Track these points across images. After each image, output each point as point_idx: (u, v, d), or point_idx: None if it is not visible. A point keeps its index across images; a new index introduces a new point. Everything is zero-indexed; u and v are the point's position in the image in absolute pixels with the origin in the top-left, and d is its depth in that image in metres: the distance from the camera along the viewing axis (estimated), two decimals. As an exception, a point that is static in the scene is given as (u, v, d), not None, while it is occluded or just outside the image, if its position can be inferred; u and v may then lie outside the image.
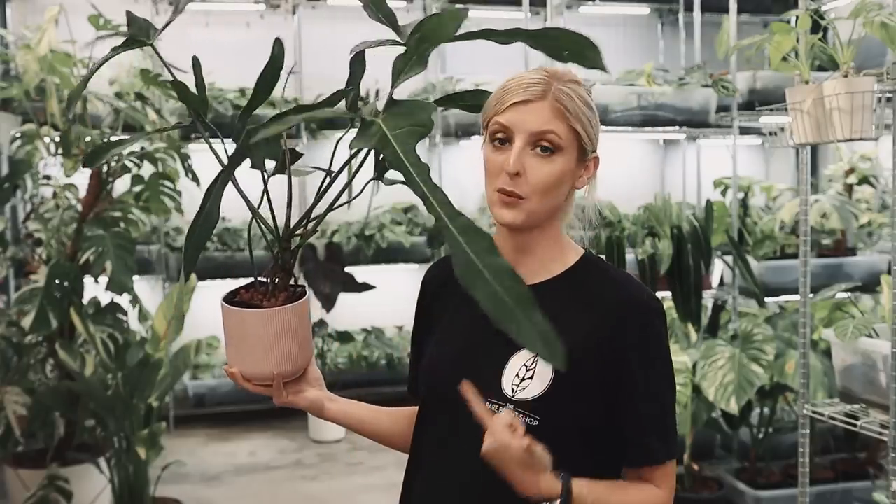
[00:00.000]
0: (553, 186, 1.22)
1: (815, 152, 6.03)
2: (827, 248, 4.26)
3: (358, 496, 4.26)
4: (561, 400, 1.21)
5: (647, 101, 3.96)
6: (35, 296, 3.46)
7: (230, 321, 1.23)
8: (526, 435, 1.14)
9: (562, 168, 1.22)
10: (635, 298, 1.25)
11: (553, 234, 1.29)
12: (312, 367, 1.34)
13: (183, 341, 3.91)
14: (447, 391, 1.29)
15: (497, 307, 0.84)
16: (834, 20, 2.43)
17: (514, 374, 1.23)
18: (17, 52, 3.78)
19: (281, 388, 1.27)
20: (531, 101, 1.20)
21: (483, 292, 0.85)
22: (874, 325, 2.52)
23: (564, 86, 1.22)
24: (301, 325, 1.24)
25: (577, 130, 1.22)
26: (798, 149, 2.67)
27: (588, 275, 1.29)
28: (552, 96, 1.21)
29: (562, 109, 1.20)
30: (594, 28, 6.44)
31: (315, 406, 1.33)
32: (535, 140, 1.21)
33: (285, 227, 1.23)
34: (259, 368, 1.23)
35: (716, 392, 3.52)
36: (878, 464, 3.72)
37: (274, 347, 1.22)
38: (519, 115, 1.21)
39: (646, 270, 3.75)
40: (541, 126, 1.20)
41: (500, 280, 0.85)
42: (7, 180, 3.84)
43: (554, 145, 1.21)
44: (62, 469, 3.63)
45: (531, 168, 1.20)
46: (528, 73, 1.25)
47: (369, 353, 5.67)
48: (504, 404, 1.22)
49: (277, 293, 1.24)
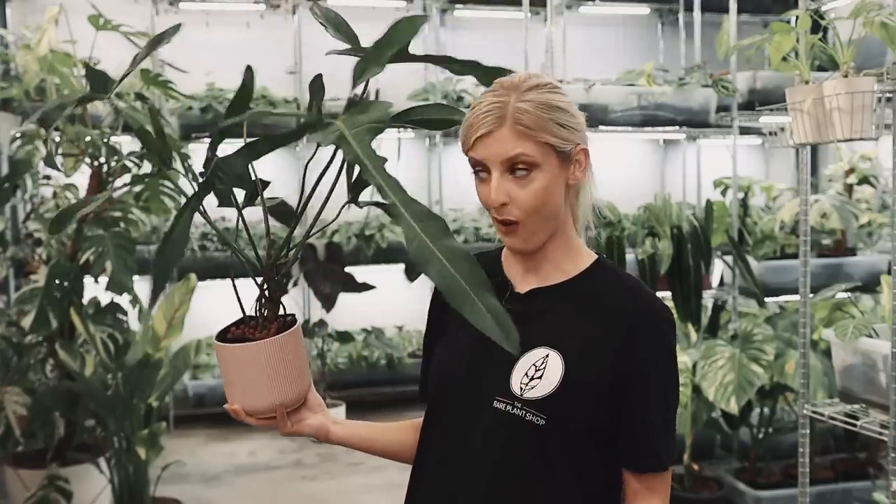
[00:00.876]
0: (542, 202, 1.22)
1: (815, 152, 6.03)
2: (827, 248, 4.26)
3: (358, 496, 4.26)
4: (568, 401, 1.21)
5: (647, 101, 3.96)
6: (35, 296, 3.46)
7: (225, 358, 1.23)
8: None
9: (544, 183, 1.21)
10: (649, 308, 1.26)
11: (563, 238, 1.29)
12: (313, 393, 1.34)
13: (183, 341, 3.91)
14: (457, 389, 1.30)
15: (451, 289, 0.86)
16: (834, 20, 2.43)
17: (524, 374, 1.23)
18: (17, 52, 3.78)
19: (285, 418, 1.28)
20: (492, 132, 1.19)
21: (437, 274, 0.87)
22: (874, 325, 2.52)
23: (522, 99, 1.20)
24: (296, 352, 1.23)
25: (545, 142, 1.20)
26: (798, 149, 2.67)
27: (601, 280, 1.29)
28: (511, 119, 1.19)
29: (523, 130, 1.19)
30: (594, 28, 6.45)
31: (321, 432, 1.35)
32: (509, 166, 1.21)
33: (267, 258, 1.23)
34: (260, 402, 1.23)
35: (716, 392, 3.52)
36: (878, 464, 3.72)
37: (272, 379, 1.21)
38: (486, 149, 1.20)
39: (646, 270, 3.75)
40: (509, 153, 1.19)
41: (455, 263, 0.87)
42: (7, 180, 3.84)
43: (529, 164, 1.20)
44: (62, 469, 3.62)
45: (514, 193, 1.21)
46: (486, 95, 1.22)
47: (369, 353, 5.67)
48: (513, 403, 1.23)
49: (269, 324, 1.23)
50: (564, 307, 1.27)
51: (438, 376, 1.35)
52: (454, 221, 5.82)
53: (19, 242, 4.15)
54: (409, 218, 0.90)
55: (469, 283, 0.86)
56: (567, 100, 1.24)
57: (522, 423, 1.22)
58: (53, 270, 3.50)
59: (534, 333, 1.25)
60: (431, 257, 0.87)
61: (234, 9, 5.88)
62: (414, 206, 0.92)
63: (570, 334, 1.25)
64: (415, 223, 0.89)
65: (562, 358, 1.22)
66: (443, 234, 0.89)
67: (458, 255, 0.87)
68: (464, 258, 0.87)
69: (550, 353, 1.23)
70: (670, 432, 1.27)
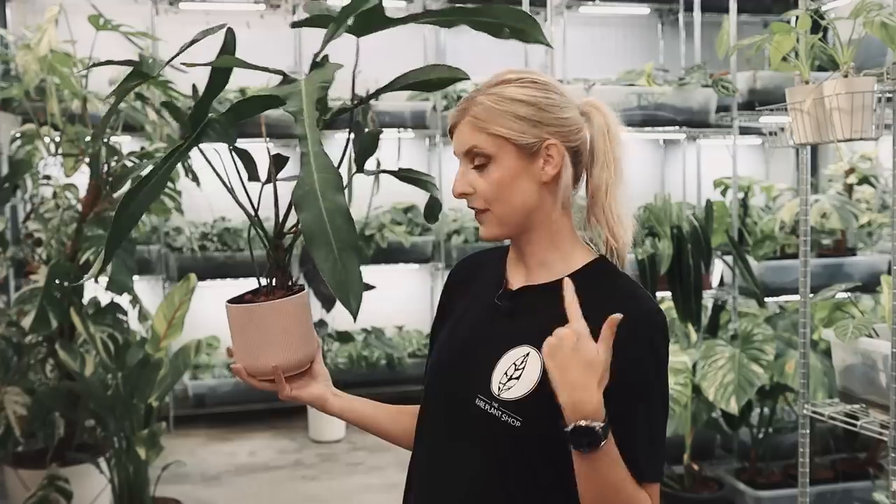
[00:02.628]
0: (501, 191, 1.23)
1: (815, 152, 6.03)
2: (827, 248, 4.26)
3: (358, 496, 4.26)
4: (545, 403, 1.15)
5: (647, 101, 3.96)
6: (35, 296, 3.46)
7: (232, 318, 1.29)
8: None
9: (500, 174, 1.23)
10: (638, 313, 1.20)
11: (547, 236, 1.27)
12: (318, 363, 1.36)
13: (183, 341, 3.91)
14: (444, 385, 1.31)
15: (314, 235, 0.89)
16: (834, 20, 2.43)
17: (503, 373, 1.23)
18: (17, 52, 3.78)
19: (282, 381, 1.29)
20: (457, 124, 1.26)
21: (309, 218, 0.90)
22: (874, 325, 2.52)
23: (486, 93, 1.24)
24: (300, 318, 1.28)
25: (496, 134, 1.22)
26: (798, 149, 2.67)
27: (592, 281, 1.24)
28: (470, 113, 1.24)
29: (476, 122, 1.23)
30: (594, 28, 6.45)
31: (318, 401, 1.36)
32: (469, 157, 1.26)
33: (275, 227, 1.29)
34: (259, 363, 1.27)
35: (716, 392, 3.52)
36: (878, 464, 3.72)
37: (274, 341, 1.26)
38: (454, 141, 1.27)
39: (646, 270, 3.75)
40: (465, 145, 1.25)
41: (331, 215, 0.90)
42: (7, 180, 3.84)
43: (484, 155, 1.24)
44: (62, 469, 3.63)
45: (475, 182, 1.25)
46: (471, 92, 1.29)
47: (369, 353, 5.67)
48: (491, 402, 1.22)
49: (276, 291, 1.29)
50: (551, 306, 1.20)
51: (432, 370, 1.36)
52: (454, 221, 5.82)
53: (19, 242, 4.15)
54: (311, 165, 0.96)
55: (336, 237, 0.89)
56: (544, 96, 1.23)
57: (499, 424, 1.20)
58: (53, 270, 3.50)
59: (517, 331, 1.24)
60: (312, 204, 0.91)
61: (234, 9, 5.88)
62: (322, 158, 0.98)
63: (550, 334, 1.19)
64: (316, 171, 0.93)
65: (541, 358, 1.17)
66: (334, 190, 0.95)
67: (337, 211, 0.92)
68: (341, 214, 0.91)
69: (531, 353, 1.22)
70: (655, 446, 1.21)
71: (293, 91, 1.08)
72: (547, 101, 1.23)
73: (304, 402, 1.35)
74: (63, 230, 3.73)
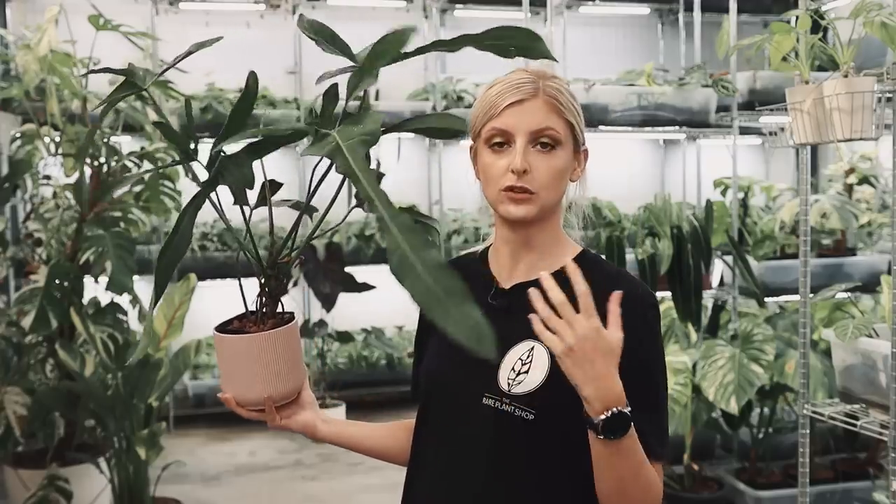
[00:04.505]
0: (559, 179, 1.26)
1: (815, 152, 6.03)
2: (827, 248, 4.26)
3: (358, 496, 4.26)
4: (556, 392, 1.19)
5: (647, 101, 3.96)
6: (35, 296, 3.46)
7: (221, 348, 1.27)
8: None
9: (563, 161, 1.26)
10: (630, 294, 1.22)
11: (552, 230, 1.31)
12: (306, 390, 1.35)
13: (183, 341, 3.91)
14: (446, 388, 1.31)
15: (426, 300, 0.87)
16: (834, 20, 2.43)
17: (510, 369, 1.23)
18: (17, 52, 3.78)
19: (273, 411, 1.28)
20: (525, 101, 1.24)
21: (414, 286, 0.88)
22: (874, 325, 2.52)
23: (552, 82, 1.26)
24: (289, 349, 1.26)
25: (571, 123, 1.26)
26: (798, 149, 2.67)
27: (584, 269, 1.26)
28: (543, 93, 1.25)
29: (556, 104, 1.24)
30: (594, 28, 6.45)
31: (308, 428, 1.35)
32: (535, 137, 1.24)
33: (269, 256, 1.25)
34: (250, 393, 1.26)
35: (716, 392, 3.52)
36: (878, 464, 3.72)
37: (263, 372, 1.24)
38: (516, 116, 1.24)
39: (646, 270, 3.75)
40: (540, 124, 1.24)
41: (433, 274, 0.88)
42: (7, 180, 3.84)
43: (554, 140, 1.24)
44: (62, 469, 3.63)
45: (536, 164, 1.24)
46: (512, 74, 1.27)
47: (369, 353, 5.67)
48: (501, 399, 1.23)
49: (266, 320, 1.26)
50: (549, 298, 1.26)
51: (428, 377, 1.35)
52: (454, 221, 5.82)
53: (19, 242, 4.15)
54: (394, 230, 0.92)
55: (445, 291, 0.87)
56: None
57: (512, 419, 1.22)
58: (53, 270, 3.50)
59: (519, 327, 1.24)
60: (409, 269, 0.88)
61: (234, 9, 5.88)
62: (400, 218, 0.93)
63: None
64: (399, 234, 0.91)
65: (546, 349, 1.20)
66: (423, 246, 0.90)
67: (435, 266, 0.88)
68: (440, 268, 0.88)
69: (535, 346, 1.23)
70: (660, 423, 1.24)
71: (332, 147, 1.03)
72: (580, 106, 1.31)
73: (294, 430, 1.34)
74: (63, 230, 3.73)
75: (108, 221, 3.62)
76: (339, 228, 5.54)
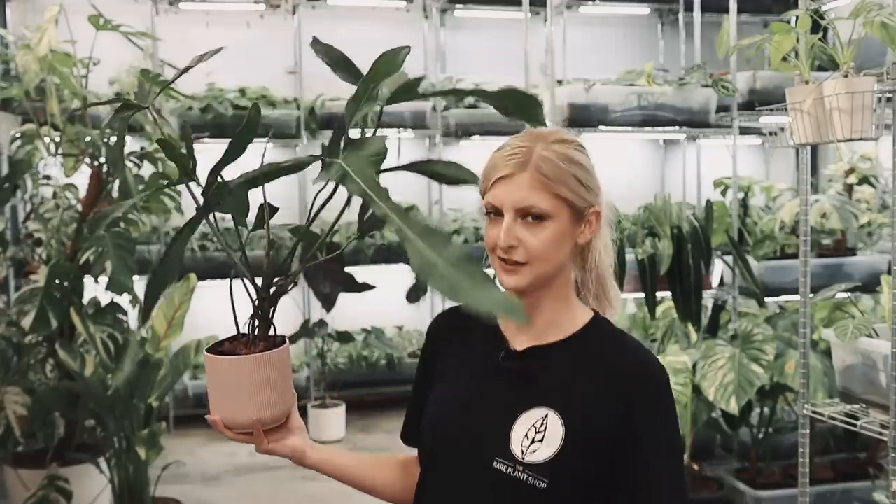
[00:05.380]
0: (551, 251, 1.23)
1: (815, 152, 6.03)
2: (827, 248, 4.26)
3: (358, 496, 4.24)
4: (570, 463, 1.19)
5: (647, 101, 3.96)
6: (35, 296, 3.46)
7: (210, 369, 1.26)
8: None
9: (554, 232, 1.22)
10: (647, 370, 1.25)
11: (561, 295, 1.29)
12: (294, 415, 1.33)
13: (183, 341, 3.91)
14: (454, 447, 1.28)
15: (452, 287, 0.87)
16: (834, 20, 2.43)
17: (524, 436, 1.22)
18: (17, 52, 3.78)
19: (261, 435, 1.27)
20: (514, 175, 1.22)
21: (438, 279, 0.88)
22: (874, 325, 2.52)
23: (548, 148, 1.22)
24: (279, 372, 1.25)
25: (560, 195, 1.22)
26: (798, 149, 2.67)
27: (598, 338, 1.28)
28: (533, 166, 1.21)
29: (542, 180, 1.21)
30: (594, 28, 6.45)
31: (296, 454, 1.33)
32: (521, 213, 1.22)
33: (264, 279, 1.25)
34: (238, 416, 1.25)
35: (716, 392, 3.52)
36: (878, 464, 3.72)
37: (252, 395, 1.23)
38: (503, 191, 1.22)
39: (646, 270, 3.75)
40: (524, 201, 1.21)
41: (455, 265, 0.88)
42: (7, 180, 3.84)
43: (540, 215, 1.22)
44: (62, 469, 3.63)
45: (524, 237, 1.22)
46: (514, 139, 1.25)
47: (369, 353, 5.67)
48: (514, 465, 1.21)
49: (257, 342, 1.25)
50: (563, 366, 1.26)
51: (434, 429, 1.33)
52: (454, 221, 5.82)
53: (19, 242, 4.15)
54: (413, 238, 0.92)
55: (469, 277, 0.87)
56: (589, 161, 1.27)
57: (524, 486, 1.20)
58: (53, 270, 3.50)
59: (533, 392, 1.24)
60: (433, 267, 0.89)
61: (234, 9, 5.88)
62: (417, 226, 0.94)
63: (569, 393, 1.23)
64: (419, 240, 0.92)
65: (561, 418, 1.21)
66: (444, 244, 0.91)
67: (458, 258, 0.89)
68: (464, 259, 0.88)
69: (549, 414, 1.22)
70: (666, 496, 1.22)
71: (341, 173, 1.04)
72: (592, 166, 1.27)
73: (282, 455, 1.32)
74: (63, 230, 3.73)
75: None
76: (339, 228, 5.54)
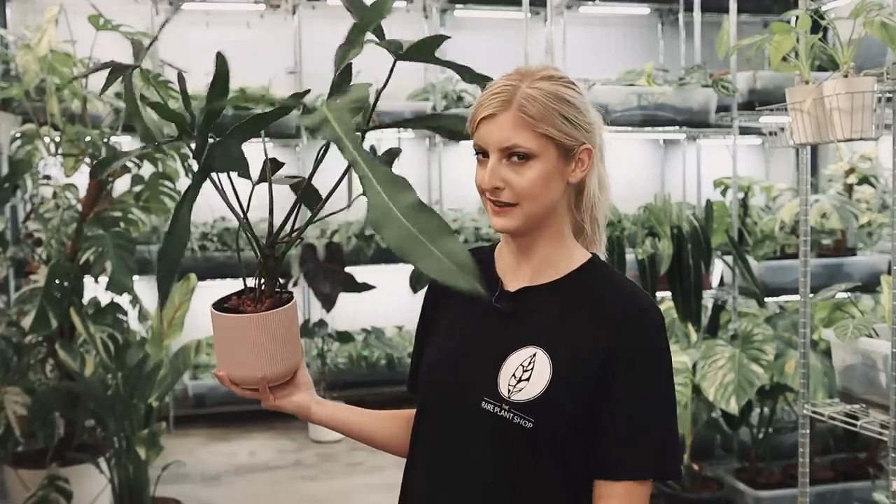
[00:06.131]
0: (539, 190, 1.21)
1: (815, 152, 6.03)
2: (827, 248, 4.26)
3: (358, 496, 4.26)
4: (556, 403, 1.19)
5: (647, 101, 3.96)
6: (35, 296, 3.46)
7: (217, 326, 1.25)
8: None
9: (540, 171, 1.20)
10: (637, 308, 1.23)
11: (554, 235, 1.28)
12: (302, 371, 1.34)
13: (183, 341, 3.91)
14: (445, 390, 1.30)
15: (404, 242, 0.85)
16: (834, 20, 2.43)
17: (511, 375, 1.22)
18: (17, 52, 3.78)
19: (267, 391, 1.27)
20: (497, 115, 1.20)
21: (392, 233, 0.86)
22: (874, 325, 2.52)
23: (533, 86, 1.20)
24: (286, 330, 1.25)
25: (545, 134, 1.19)
26: (798, 149, 2.67)
27: (592, 279, 1.28)
28: (516, 105, 1.19)
29: (524, 118, 1.19)
30: (594, 28, 6.45)
31: (302, 410, 1.34)
32: (506, 153, 1.20)
33: (268, 235, 1.24)
34: (245, 372, 1.25)
35: (716, 392, 3.52)
36: (878, 464, 3.72)
37: (258, 352, 1.23)
38: (487, 131, 1.21)
39: (646, 270, 3.75)
40: (507, 140, 1.19)
41: (410, 217, 0.86)
42: (7, 180, 3.84)
43: (525, 154, 1.20)
44: (62, 469, 3.62)
45: (510, 178, 1.20)
46: (501, 79, 1.23)
47: (369, 353, 5.67)
48: (500, 404, 1.21)
49: (264, 299, 1.25)
50: (554, 306, 1.25)
51: (428, 377, 1.34)
52: (454, 221, 5.82)
53: (19, 242, 4.15)
54: (375, 184, 0.91)
55: (423, 231, 0.85)
56: (580, 98, 1.24)
57: (510, 426, 1.20)
58: (53, 270, 3.50)
59: (522, 332, 1.24)
60: (389, 217, 0.87)
61: (234, 9, 5.88)
62: (381, 173, 0.93)
63: (558, 333, 1.23)
64: (379, 186, 0.91)
65: (549, 357, 1.21)
66: (403, 192, 0.89)
67: (414, 209, 0.87)
68: (420, 210, 0.86)
69: (538, 353, 1.22)
70: (653, 439, 1.21)
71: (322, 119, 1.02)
72: (583, 103, 1.24)
73: (288, 411, 1.33)
74: (63, 230, 3.73)
75: (108, 221, 3.62)
76: (339, 228, 5.54)
